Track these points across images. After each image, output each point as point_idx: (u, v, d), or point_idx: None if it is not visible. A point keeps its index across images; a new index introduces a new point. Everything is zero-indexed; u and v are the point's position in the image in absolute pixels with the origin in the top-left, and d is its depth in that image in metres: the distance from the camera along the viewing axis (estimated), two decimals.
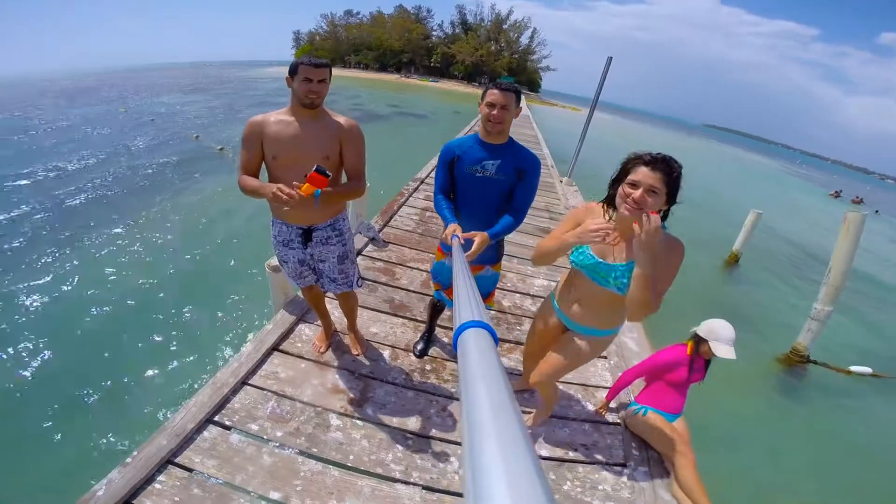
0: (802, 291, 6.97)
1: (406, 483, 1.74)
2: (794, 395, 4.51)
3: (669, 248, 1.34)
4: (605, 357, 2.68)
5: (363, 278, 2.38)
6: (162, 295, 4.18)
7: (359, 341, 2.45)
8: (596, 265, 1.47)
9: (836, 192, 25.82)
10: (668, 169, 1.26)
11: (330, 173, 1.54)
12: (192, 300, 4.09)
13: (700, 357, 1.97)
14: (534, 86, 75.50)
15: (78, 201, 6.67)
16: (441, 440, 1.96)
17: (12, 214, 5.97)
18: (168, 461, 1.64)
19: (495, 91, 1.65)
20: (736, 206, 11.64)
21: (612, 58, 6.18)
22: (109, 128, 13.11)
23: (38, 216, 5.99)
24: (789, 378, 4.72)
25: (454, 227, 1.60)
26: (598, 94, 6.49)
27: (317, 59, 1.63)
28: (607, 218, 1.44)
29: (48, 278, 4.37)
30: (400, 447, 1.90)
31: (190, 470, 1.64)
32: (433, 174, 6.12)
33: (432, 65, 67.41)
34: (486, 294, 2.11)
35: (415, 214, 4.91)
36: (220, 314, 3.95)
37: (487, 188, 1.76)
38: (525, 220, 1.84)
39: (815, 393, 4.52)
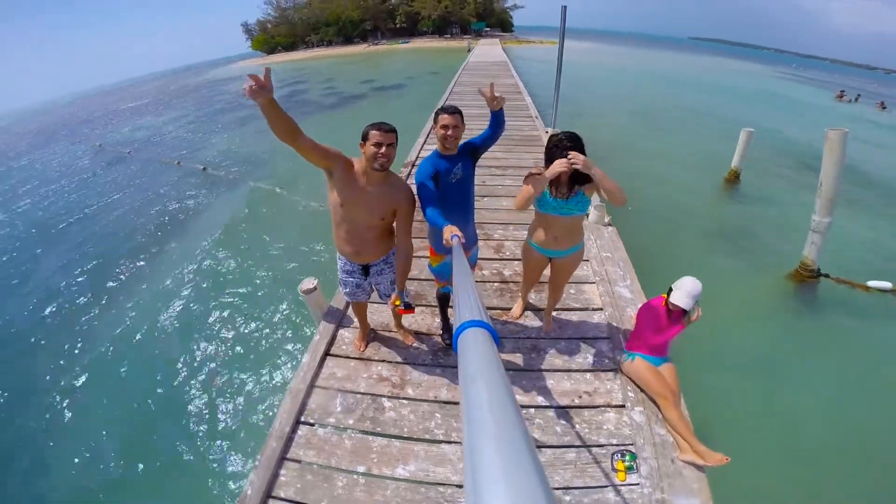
0: (810, 204, 7.07)
1: (449, 442, 2.27)
2: (806, 314, 4.48)
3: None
4: (602, 309, 3.11)
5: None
6: (211, 327, 4.67)
7: (409, 334, 2.94)
8: (563, 204, 2.21)
9: (841, 92, 22.98)
10: (579, 145, 2.07)
11: (412, 305, 2.17)
12: (239, 327, 4.58)
13: (678, 308, 2.20)
14: (506, 26, 72.11)
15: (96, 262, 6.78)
16: None
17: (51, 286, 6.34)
18: (282, 458, 2.19)
19: (446, 115, 2.07)
20: (734, 121, 11.46)
21: (566, 7, 6.22)
22: (89, 169, 13.03)
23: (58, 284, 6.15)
24: (800, 295, 4.70)
25: (451, 228, 1.78)
26: (561, 45, 6.56)
27: (386, 124, 1.90)
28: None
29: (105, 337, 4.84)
30: (438, 415, 2.41)
31: (299, 462, 2.19)
32: (420, 159, 6.29)
33: (398, 26, 64.34)
34: (475, 264, 2.72)
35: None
36: (266, 331, 4.47)
37: (463, 187, 2.23)
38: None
39: (829, 311, 4.47)
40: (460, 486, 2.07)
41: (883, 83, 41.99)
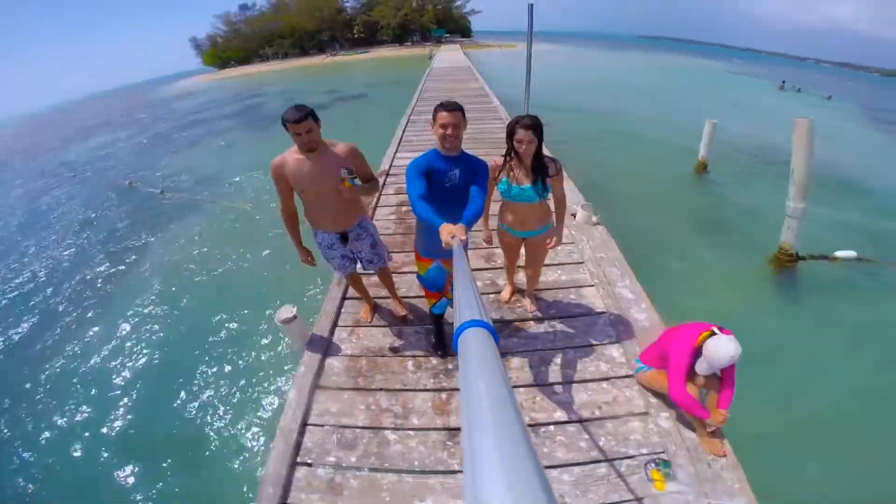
0: (779, 189, 6.15)
1: None
2: (791, 296, 4.63)
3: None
4: (605, 312, 2.97)
5: (389, 252, 2.94)
6: (181, 358, 4.26)
7: (401, 305, 3.03)
8: (521, 191, 2.30)
9: (782, 83, 25.99)
10: (535, 125, 2.12)
11: (354, 173, 2.18)
12: (215, 364, 4.16)
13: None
14: (465, 32, 73.13)
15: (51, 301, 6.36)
16: None
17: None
18: None
19: (444, 113, 1.89)
20: (692, 115, 11.84)
21: (532, 4, 6.19)
22: (42, 192, 12.09)
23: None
24: (783, 279, 4.84)
25: (448, 228, 1.61)
26: (529, 43, 6.53)
27: (298, 114, 1.99)
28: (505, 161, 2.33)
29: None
30: (450, 443, 2.20)
31: None
32: (395, 168, 6.13)
33: (356, 36, 63.84)
34: None
35: (391, 213, 4.76)
36: (246, 366, 4.08)
37: (455, 193, 2.02)
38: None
39: (813, 291, 4.65)
40: None
41: (823, 73, 46.39)
